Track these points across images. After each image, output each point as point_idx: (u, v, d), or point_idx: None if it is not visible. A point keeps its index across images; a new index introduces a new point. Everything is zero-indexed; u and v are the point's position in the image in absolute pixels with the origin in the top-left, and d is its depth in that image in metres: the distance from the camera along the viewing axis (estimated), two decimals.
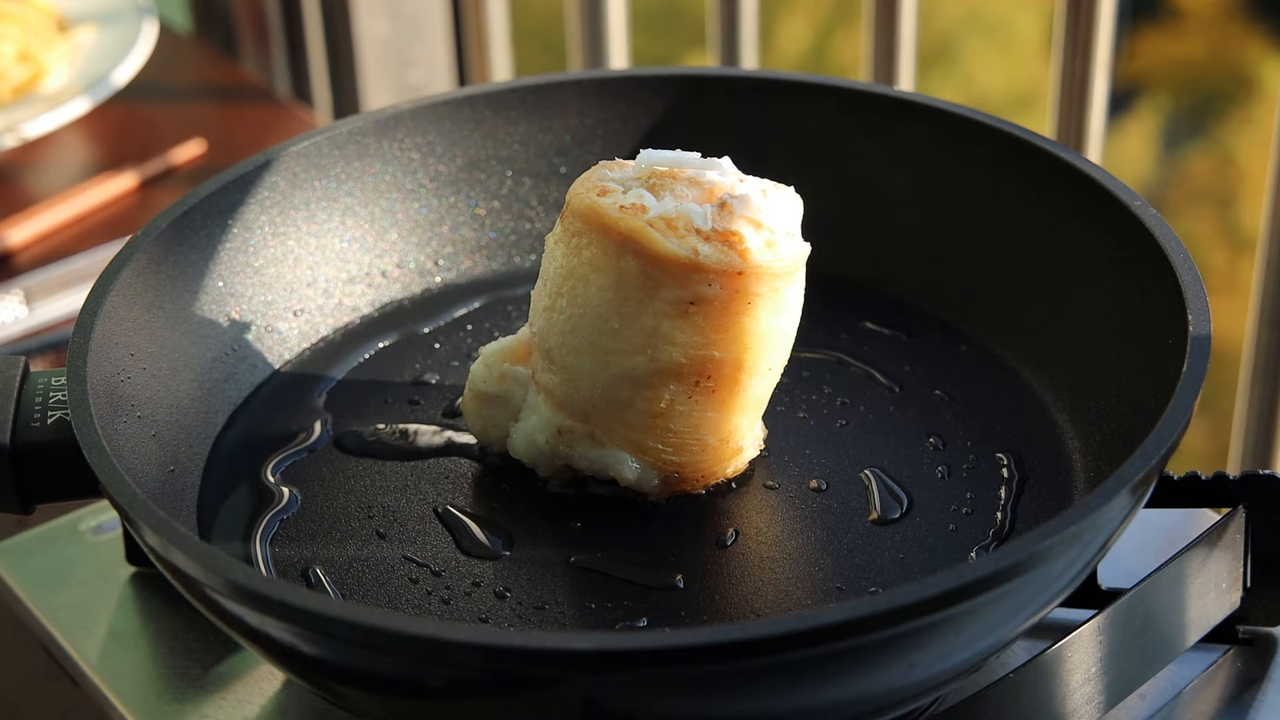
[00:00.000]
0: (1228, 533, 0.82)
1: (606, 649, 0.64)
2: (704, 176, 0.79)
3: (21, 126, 1.35)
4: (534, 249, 1.01)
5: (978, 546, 0.82)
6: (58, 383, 0.82)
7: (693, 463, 0.83)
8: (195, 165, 1.41)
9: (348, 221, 0.98)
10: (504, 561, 0.82)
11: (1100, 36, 1.25)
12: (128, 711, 0.85)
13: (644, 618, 0.78)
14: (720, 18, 1.47)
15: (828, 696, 0.69)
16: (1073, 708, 0.78)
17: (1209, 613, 0.83)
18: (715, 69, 1.06)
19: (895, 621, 0.65)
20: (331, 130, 0.97)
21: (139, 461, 0.81)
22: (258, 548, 0.83)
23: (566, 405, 0.83)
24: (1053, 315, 0.90)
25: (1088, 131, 1.29)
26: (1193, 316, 0.79)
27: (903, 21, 1.34)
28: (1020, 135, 0.92)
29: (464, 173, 1.00)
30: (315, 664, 0.71)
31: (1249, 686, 0.84)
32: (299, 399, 0.92)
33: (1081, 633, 0.78)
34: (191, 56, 1.61)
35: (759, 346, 0.80)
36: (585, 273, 0.79)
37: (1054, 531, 0.68)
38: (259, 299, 0.94)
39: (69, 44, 1.47)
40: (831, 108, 0.98)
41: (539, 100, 1.01)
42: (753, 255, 0.78)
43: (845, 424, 0.89)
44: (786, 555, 0.82)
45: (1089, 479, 0.84)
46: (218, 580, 0.68)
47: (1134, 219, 0.85)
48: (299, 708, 0.84)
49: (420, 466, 0.87)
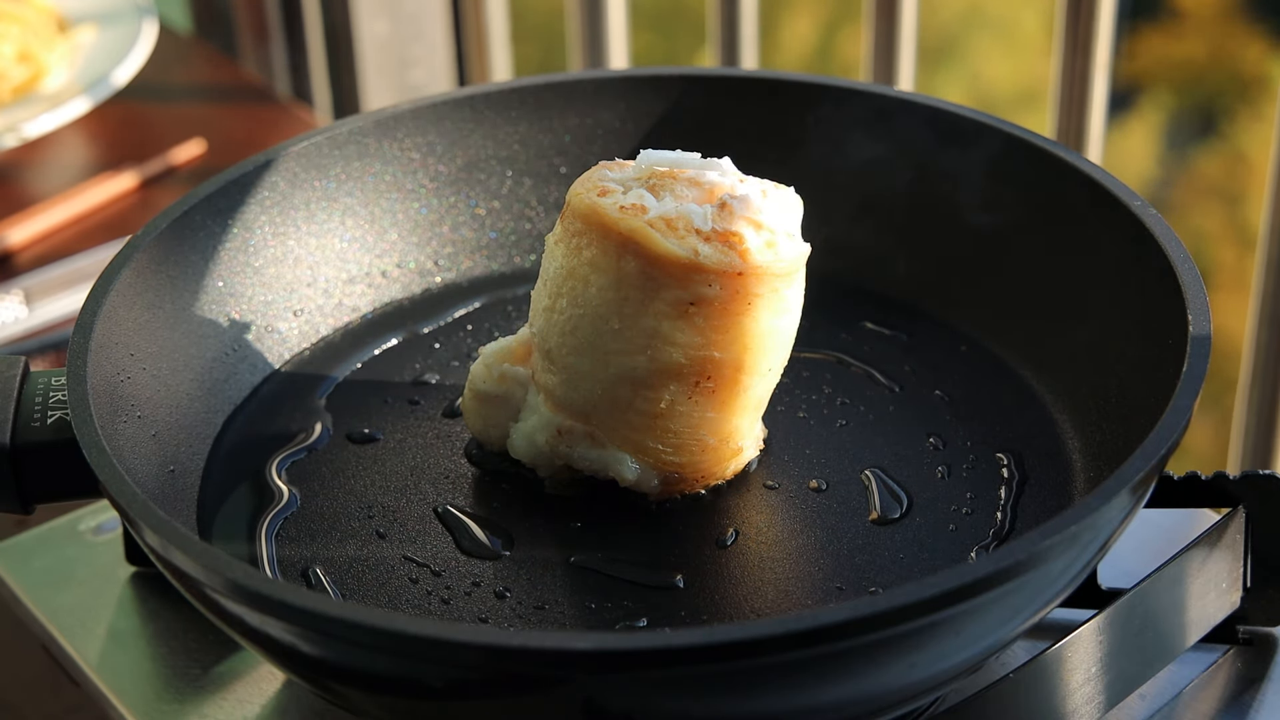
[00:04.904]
0: (1228, 533, 0.82)
1: (606, 649, 0.64)
2: (704, 177, 0.79)
3: (21, 126, 1.35)
4: (534, 249, 1.01)
5: (978, 546, 0.82)
6: (58, 383, 0.82)
7: (693, 463, 0.83)
8: (195, 165, 1.41)
9: (348, 221, 0.98)
10: (504, 561, 0.82)
11: (1100, 36, 1.25)
12: (128, 711, 0.85)
13: (644, 618, 0.78)
14: (720, 17, 1.47)
15: (828, 696, 0.69)
16: (1073, 708, 0.78)
17: (1209, 613, 0.83)
18: (715, 69, 1.06)
19: (895, 621, 0.65)
20: (331, 130, 0.97)
21: (139, 461, 0.81)
22: (262, 546, 0.83)
23: (566, 405, 0.83)
24: (1053, 315, 0.90)
25: (1088, 131, 1.29)
26: (1193, 316, 0.79)
27: (903, 20, 1.34)
28: (1020, 135, 0.92)
29: (464, 173, 1.00)
30: (315, 664, 0.71)
31: (1249, 686, 0.84)
32: (299, 399, 0.92)
33: (1081, 633, 0.77)
34: (191, 56, 1.61)
35: (759, 347, 0.80)
36: (585, 273, 0.79)
37: (1054, 531, 0.68)
38: (259, 299, 0.94)
39: (69, 44, 1.47)
40: (831, 107, 0.98)
41: (539, 100, 1.01)
42: (753, 256, 0.77)
43: (845, 424, 0.89)
44: (786, 555, 0.82)
45: (1089, 479, 0.84)
46: (218, 580, 0.68)
47: (1134, 219, 0.85)
48: (299, 708, 0.84)
49: (420, 466, 0.88)
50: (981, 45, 2.75)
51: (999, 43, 2.76)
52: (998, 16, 2.78)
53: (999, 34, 2.76)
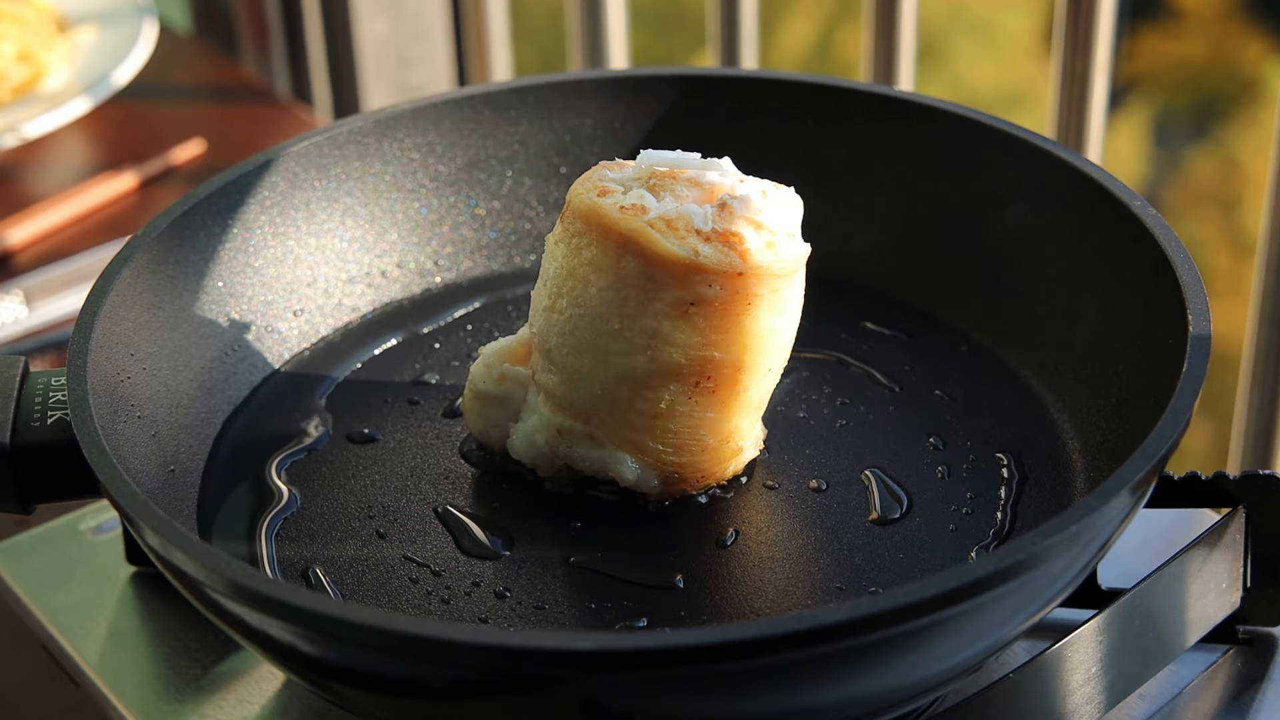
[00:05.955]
0: (1228, 533, 0.82)
1: (606, 649, 0.64)
2: (704, 177, 0.79)
3: (21, 126, 1.35)
4: (534, 249, 1.01)
5: (978, 546, 0.82)
6: (58, 383, 0.82)
7: (693, 463, 0.83)
8: (195, 165, 1.41)
9: (348, 221, 0.98)
10: (504, 561, 0.82)
11: (1100, 36, 1.24)
12: (128, 711, 0.85)
13: (644, 618, 0.78)
14: (720, 17, 1.47)
15: (828, 696, 0.69)
16: (1073, 708, 0.78)
17: (1209, 613, 0.83)
18: (715, 69, 1.06)
19: (895, 621, 0.65)
20: (331, 130, 0.97)
21: (139, 461, 0.81)
22: (262, 546, 0.83)
23: (566, 405, 0.83)
24: (1053, 315, 0.90)
25: (1087, 131, 1.28)
26: (1193, 316, 0.79)
27: (902, 19, 1.34)
28: (1020, 135, 0.92)
29: (464, 173, 1.00)
30: (315, 664, 0.71)
31: (1249, 686, 0.84)
32: (299, 399, 0.92)
33: (1081, 633, 0.78)
34: (191, 56, 1.61)
35: (759, 347, 0.80)
36: (585, 273, 0.79)
37: (1054, 531, 0.68)
38: (259, 299, 0.94)
39: (69, 44, 1.47)
40: (831, 107, 0.98)
41: (539, 100, 1.01)
42: (753, 256, 0.77)
43: (845, 424, 0.89)
44: (786, 555, 0.82)
45: (1089, 479, 0.84)
46: (218, 580, 0.68)
47: (1134, 219, 0.85)
48: (299, 708, 0.84)
49: (420, 466, 0.88)
50: (963, 48, 2.75)
51: (981, 46, 2.76)
52: (980, 19, 2.78)
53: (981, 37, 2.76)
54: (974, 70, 2.75)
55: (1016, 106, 2.69)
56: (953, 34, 2.75)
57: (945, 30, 2.75)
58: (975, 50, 2.75)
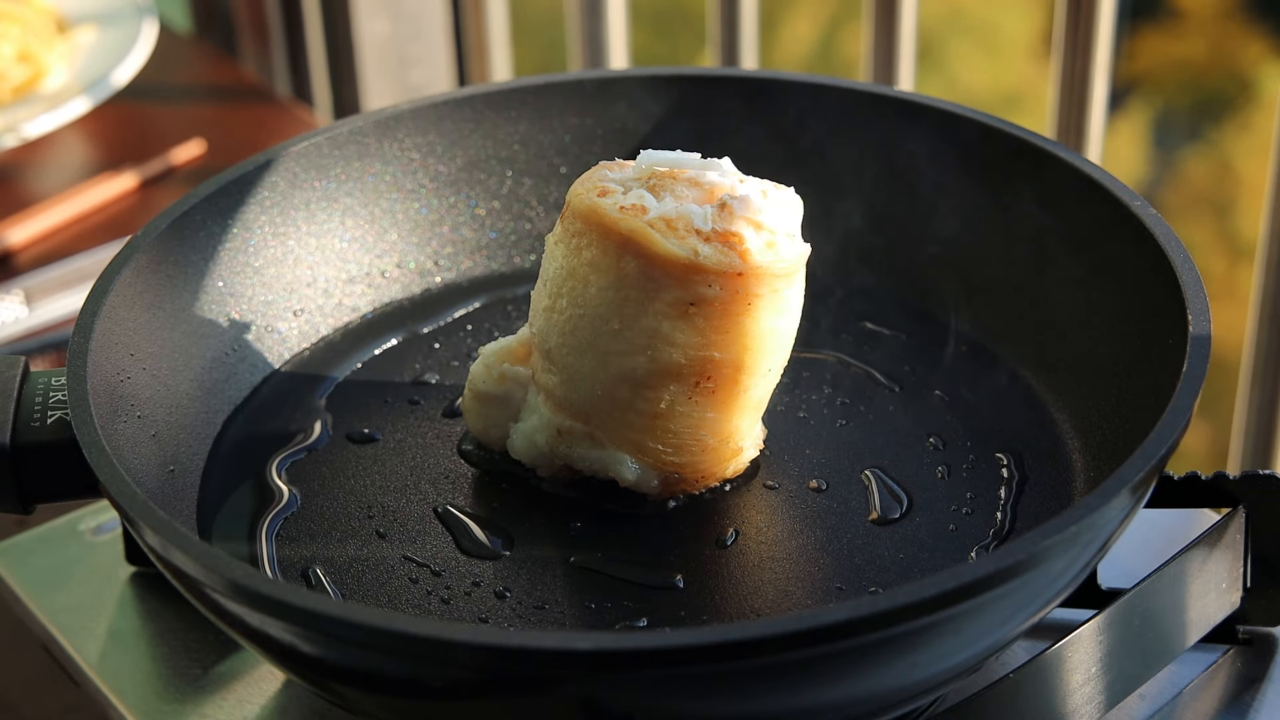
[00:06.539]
0: (1228, 533, 0.82)
1: (606, 649, 0.64)
2: (704, 177, 0.79)
3: (21, 126, 1.35)
4: (534, 249, 1.01)
5: (978, 546, 0.82)
6: (58, 383, 0.82)
7: (693, 463, 0.83)
8: (195, 165, 1.41)
9: (348, 221, 0.98)
10: (504, 561, 0.82)
11: (1100, 36, 1.24)
12: (128, 711, 0.85)
13: (644, 618, 0.78)
14: (720, 17, 1.47)
15: (828, 696, 0.69)
16: (1073, 708, 0.78)
17: (1209, 613, 0.83)
18: (715, 69, 1.06)
19: (895, 621, 0.65)
20: (331, 130, 0.97)
21: (139, 461, 0.81)
22: (262, 546, 0.83)
23: (566, 405, 0.83)
24: (1053, 315, 0.90)
25: (1087, 131, 1.28)
26: (1193, 316, 0.79)
27: (903, 19, 1.34)
28: (1021, 135, 0.92)
29: (464, 173, 1.00)
30: (315, 664, 0.71)
31: (1249, 686, 0.84)
32: (299, 399, 0.92)
33: (1081, 633, 0.78)
34: (191, 56, 1.61)
35: (759, 347, 0.80)
36: (585, 273, 0.79)
37: (1054, 531, 0.68)
38: (259, 299, 0.94)
39: (69, 44, 1.47)
40: (831, 107, 0.98)
41: (539, 100, 1.01)
42: (753, 256, 0.77)
43: (845, 424, 0.89)
44: (786, 555, 0.82)
45: (1089, 479, 0.84)
46: (218, 580, 0.68)
47: (1134, 219, 0.85)
48: (299, 708, 0.84)
49: (420, 466, 0.88)
50: (960, 49, 2.75)
51: (978, 47, 2.76)
52: (977, 21, 2.78)
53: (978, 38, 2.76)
54: (972, 71, 2.75)
55: (1014, 107, 2.69)
56: (951, 35, 2.75)
57: (944, 31, 2.75)
58: (973, 51, 2.75)
